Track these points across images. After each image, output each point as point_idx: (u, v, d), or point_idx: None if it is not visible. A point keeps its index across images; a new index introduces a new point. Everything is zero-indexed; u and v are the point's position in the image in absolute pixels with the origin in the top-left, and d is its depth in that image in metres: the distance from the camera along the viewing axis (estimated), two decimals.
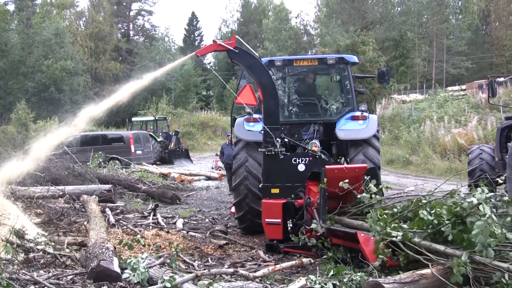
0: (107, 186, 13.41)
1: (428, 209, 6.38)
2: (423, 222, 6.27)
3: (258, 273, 6.41)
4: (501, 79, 33.01)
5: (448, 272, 5.48)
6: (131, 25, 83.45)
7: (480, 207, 5.62)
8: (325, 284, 5.86)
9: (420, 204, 6.65)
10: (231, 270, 6.50)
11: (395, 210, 6.95)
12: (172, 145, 31.03)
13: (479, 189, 5.89)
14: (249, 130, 9.97)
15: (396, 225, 6.40)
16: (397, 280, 5.39)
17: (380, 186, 7.78)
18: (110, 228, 9.73)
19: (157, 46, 67.00)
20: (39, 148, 8.88)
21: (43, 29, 55.42)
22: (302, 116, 10.92)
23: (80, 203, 11.18)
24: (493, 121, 23.56)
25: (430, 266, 5.63)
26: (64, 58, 53.57)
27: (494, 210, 6.00)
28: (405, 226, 6.38)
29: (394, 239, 6.19)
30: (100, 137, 27.35)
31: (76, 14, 74.88)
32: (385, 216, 6.61)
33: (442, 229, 5.99)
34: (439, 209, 6.21)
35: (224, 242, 9.24)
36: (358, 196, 7.41)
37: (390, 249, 6.24)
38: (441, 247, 5.84)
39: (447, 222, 5.97)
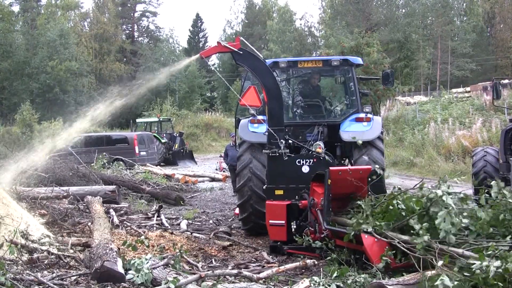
0: (111, 187, 13.44)
1: (395, 203, 6.75)
2: (392, 215, 6.68)
3: (262, 275, 6.42)
4: (506, 81, 33.07)
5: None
6: (135, 26, 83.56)
7: (444, 197, 5.98)
8: (329, 285, 5.86)
9: (387, 198, 7.01)
10: (235, 271, 6.52)
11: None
12: (176, 147, 31.09)
13: (443, 183, 6.20)
14: (253, 132, 9.96)
15: (370, 218, 6.72)
16: (400, 282, 5.39)
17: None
18: (114, 229, 9.76)
19: (162, 47, 67.06)
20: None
21: (48, 30, 55.53)
22: (306, 118, 10.91)
23: (84, 204, 11.19)
24: (497, 123, 23.44)
25: (398, 244, 6.10)
26: (69, 59, 53.68)
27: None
28: (372, 218, 6.69)
29: (365, 231, 6.53)
30: (104, 138, 27.40)
31: (81, 15, 75.06)
32: (362, 210, 6.96)
33: (411, 221, 6.33)
34: (409, 202, 6.67)
35: (228, 243, 9.25)
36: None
37: (394, 251, 6.26)
38: (406, 237, 6.21)
39: (414, 214, 6.40)
